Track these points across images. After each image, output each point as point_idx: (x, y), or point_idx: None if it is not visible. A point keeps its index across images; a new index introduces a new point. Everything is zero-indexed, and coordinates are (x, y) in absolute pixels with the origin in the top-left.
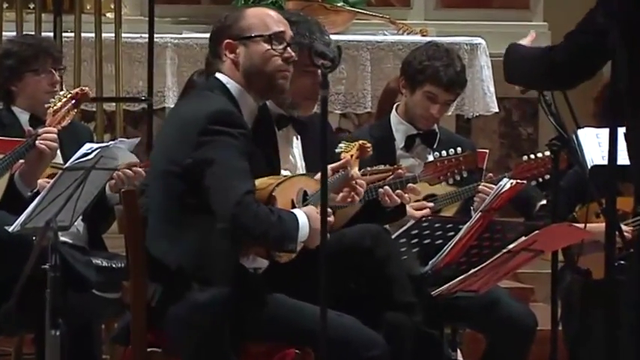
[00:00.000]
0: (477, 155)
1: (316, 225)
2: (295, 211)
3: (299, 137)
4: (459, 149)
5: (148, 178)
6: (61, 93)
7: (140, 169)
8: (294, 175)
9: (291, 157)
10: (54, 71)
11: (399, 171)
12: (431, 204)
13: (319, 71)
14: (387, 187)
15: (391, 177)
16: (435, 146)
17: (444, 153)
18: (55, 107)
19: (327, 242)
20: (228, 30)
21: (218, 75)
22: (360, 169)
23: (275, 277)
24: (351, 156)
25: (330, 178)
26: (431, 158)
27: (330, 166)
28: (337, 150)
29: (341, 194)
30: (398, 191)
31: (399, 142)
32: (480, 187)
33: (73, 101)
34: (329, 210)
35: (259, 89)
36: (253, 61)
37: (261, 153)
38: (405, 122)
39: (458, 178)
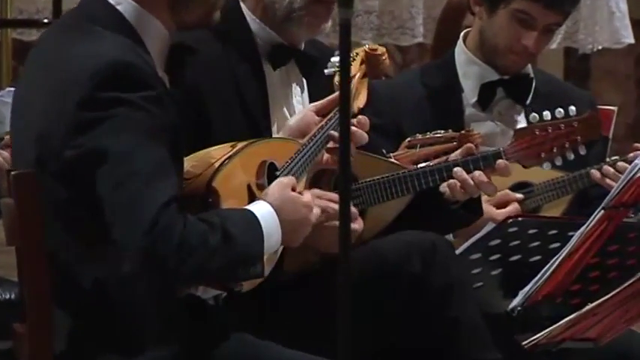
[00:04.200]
0: (600, 117)
1: (294, 213)
2: (253, 207)
3: (305, 83)
4: (571, 109)
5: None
6: None
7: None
8: (252, 142)
9: (288, 114)
10: None
11: (469, 145)
12: (521, 195)
13: None
14: (457, 169)
15: (457, 152)
16: (528, 102)
17: (545, 114)
18: None
19: (353, 262)
20: None
21: None
22: (403, 136)
23: (254, 309)
24: (350, 79)
25: (315, 124)
26: (521, 122)
27: (311, 106)
28: (327, 70)
29: (332, 144)
30: (477, 174)
31: (470, 94)
32: (606, 168)
33: None
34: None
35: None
36: None
37: (240, 109)
38: (479, 61)
39: (571, 156)
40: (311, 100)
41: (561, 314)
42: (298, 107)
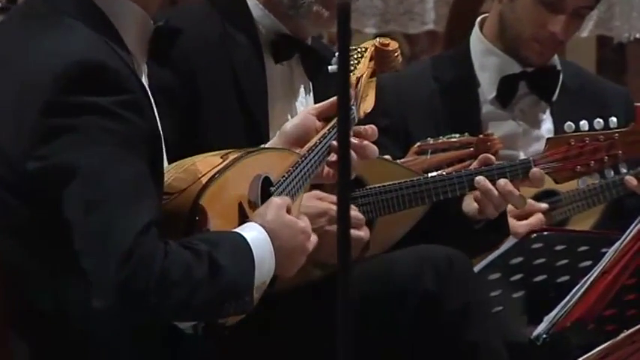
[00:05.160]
0: None
1: (290, 240)
2: (244, 230)
3: (311, 85)
4: (612, 120)
5: None
6: None
7: None
8: (245, 153)
9: (290, 116)
10: None
11: (487, 155)
12: (546, 205)
13: None
14: (479, 178)
15: (475, 163)
16: (554, 99)
17: (582, 124)
18: None
19: (356, 276)
20: None
21: None
22: (411, 137)
23: (239, 337)
24: (358, 79)
25: (316, 130)
26: (546, 122)
27: (312, 109)
28: (332, 67)
29: (335, 157)
30: (502, 182)
31: (488, 89)
32: None
33: None
34: (356, 215)
35: None
36: None
37: (237, 101)
38: (498, 51)
39: (610, 174)
40: (317, 102)
41: (593, 342)
42: (301, 110)
